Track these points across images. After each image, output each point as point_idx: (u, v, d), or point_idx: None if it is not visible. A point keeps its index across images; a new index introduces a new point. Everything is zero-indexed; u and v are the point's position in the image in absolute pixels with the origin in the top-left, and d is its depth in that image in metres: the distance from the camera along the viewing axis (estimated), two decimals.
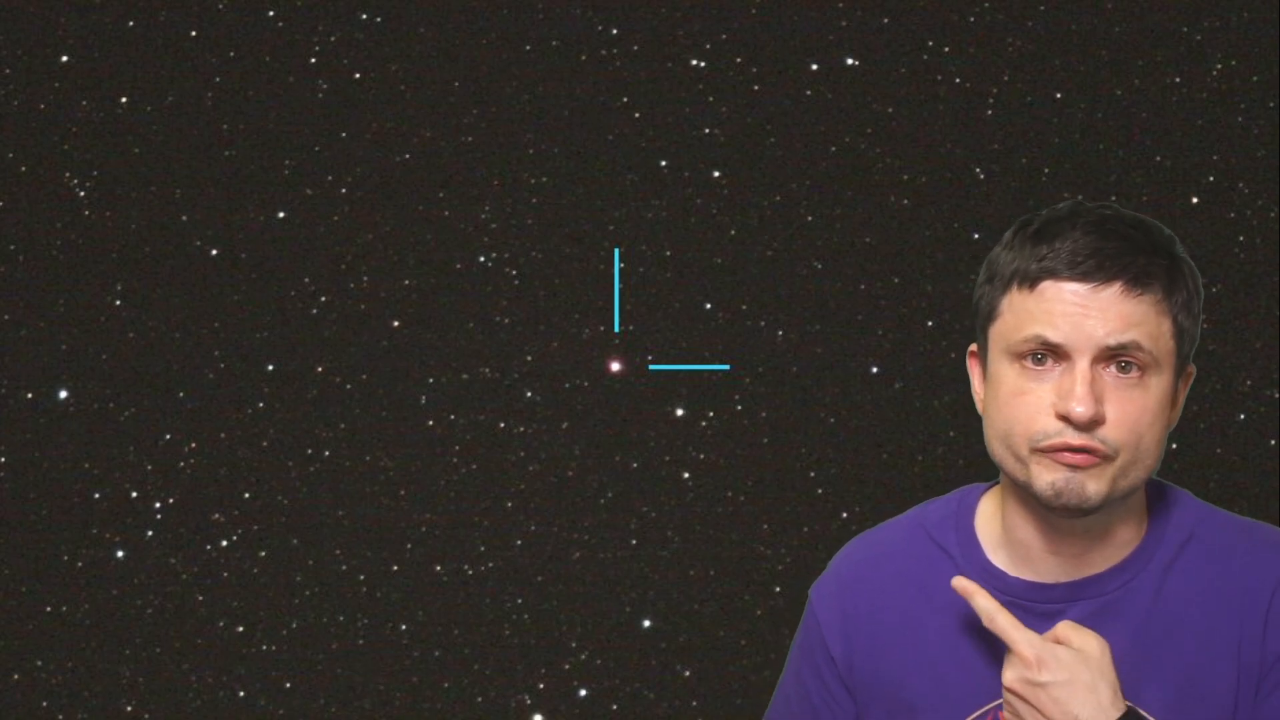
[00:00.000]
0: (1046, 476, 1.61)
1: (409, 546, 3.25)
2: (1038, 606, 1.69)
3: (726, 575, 3.24)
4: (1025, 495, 1.66)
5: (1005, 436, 1.64)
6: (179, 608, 3.23)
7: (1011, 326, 1.64)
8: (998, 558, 1.73)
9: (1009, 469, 1.65)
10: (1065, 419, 1.59)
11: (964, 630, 1.73)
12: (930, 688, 1.74)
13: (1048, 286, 1.61)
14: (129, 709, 3.22)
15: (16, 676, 3.20)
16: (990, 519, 1.75)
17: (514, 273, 3.26)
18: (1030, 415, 1.61)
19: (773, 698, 1.91)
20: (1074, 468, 1.59)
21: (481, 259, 3.26)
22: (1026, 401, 1.62)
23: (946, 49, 3.21)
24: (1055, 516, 1.65)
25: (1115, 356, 1.60)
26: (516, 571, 3.25)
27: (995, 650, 1.70)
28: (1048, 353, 1.62)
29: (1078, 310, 1.60)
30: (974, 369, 1.73)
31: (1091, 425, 1.59)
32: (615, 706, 3.24)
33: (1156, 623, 1.68)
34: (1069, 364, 1.60)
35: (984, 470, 1.76)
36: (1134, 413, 1.60)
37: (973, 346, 1.73)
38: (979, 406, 1.71)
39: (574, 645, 3.24)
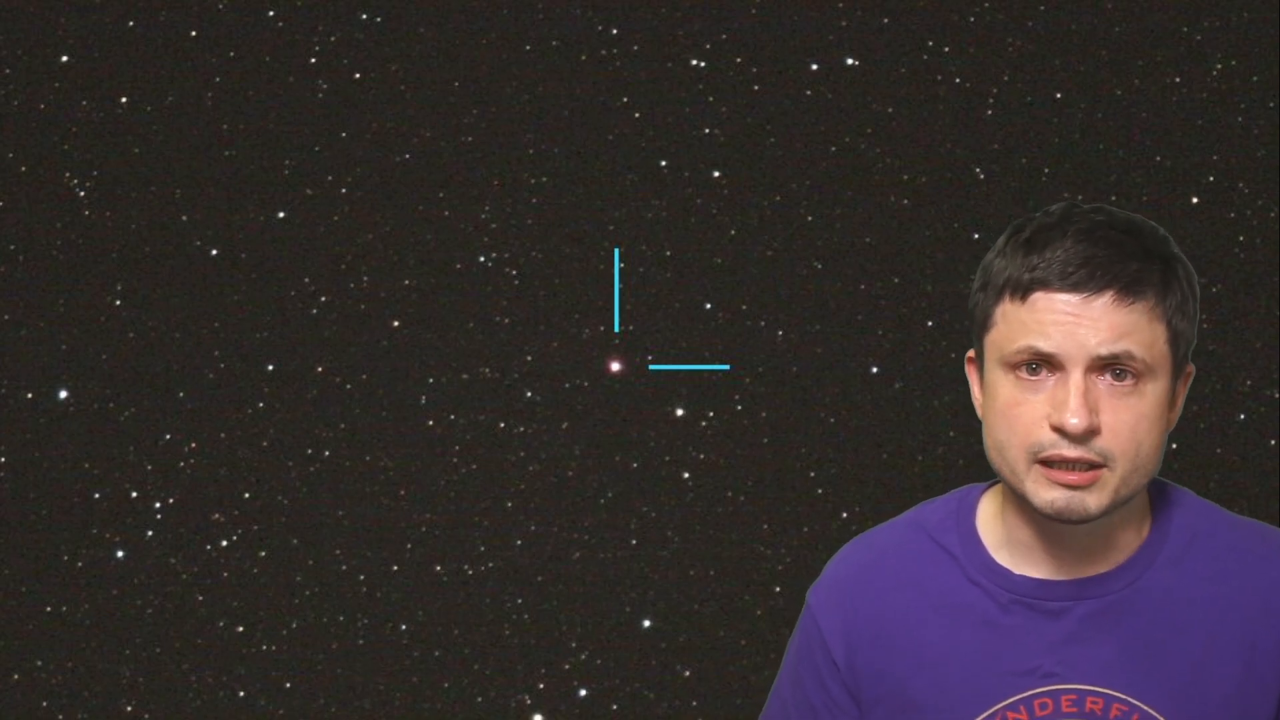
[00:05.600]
0: (1045, 494, 1.61)
1: (409, 546, 3.25)
2: (1043, 604, 1.69)
3: (726, 575, 3.24)
4: (1025, 501, 1.66)
5: (1002, 448, 1.64)
6: (179, 608, 3.23)
7: (1005, 337, 1.64)
8: (1000, 556, 1.73)
9: (1007, 479, 1.65)
10: (1060, 430, 1.59)
11: (967, 630, 1.72)
12: (935, 688, 1.73)
13: (1039, 297, 1.61)
14: (129, 709, 3.22)
15: (16, 676, 3.20)
16: (992, 518, 1.75)
17: (514, 273, 3.26)
18: (1026, 427, 1.61)
19: (767, 704, 1.89)
20: (1073, 487, 1.60)
21: (481, 259, 3.26)
22: (1022, 413, 1.61)
23: (946, 49, 3.21)
24: (1055, 525, 1.66)
25: (1109, 366, 1.60)
26: (516, 571, 3.25)
27: (1000, 650, 1.70)
28: (1041, 363, 1.61)
29: (1070, 320, 1.59)
30: (972, 375, 1.73)
31: (1087, 436, 1.59)
32: (615, 706, 3.24)
33: (1162, 621, 1.68)
34: (1063, 374, 1.60)
35: (984, 470, 1.75)
36: (1130, 420, 1.60)
37: (970, 352, 1.73)
38: (979, 412, 1.71)
39: (574, 645, 3.24)
